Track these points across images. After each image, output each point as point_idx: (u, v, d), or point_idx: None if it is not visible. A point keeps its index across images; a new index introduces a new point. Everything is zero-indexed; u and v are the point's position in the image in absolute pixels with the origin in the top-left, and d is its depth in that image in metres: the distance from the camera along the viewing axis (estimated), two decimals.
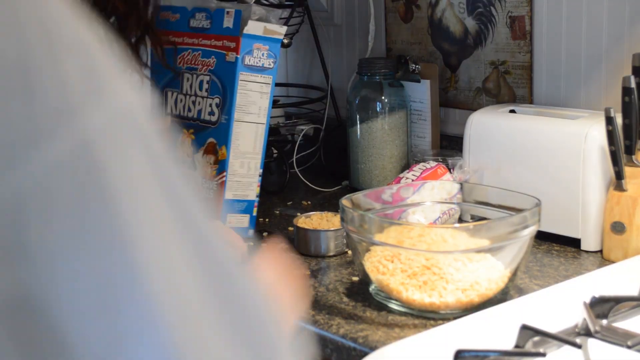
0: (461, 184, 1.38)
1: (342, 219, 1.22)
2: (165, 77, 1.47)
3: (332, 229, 1.42)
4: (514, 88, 1.75)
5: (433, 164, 1.56)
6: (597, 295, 1.02)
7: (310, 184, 1.84)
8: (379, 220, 1.20)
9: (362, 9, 2.01)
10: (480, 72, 1.81)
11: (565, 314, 1.03)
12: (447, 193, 1.37)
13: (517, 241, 1.15)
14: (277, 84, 1.63)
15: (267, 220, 1.65)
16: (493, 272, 1.15)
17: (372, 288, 1.20)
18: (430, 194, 1.37)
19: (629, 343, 0.93)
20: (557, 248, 1.42)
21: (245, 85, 1.38)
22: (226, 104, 1.38)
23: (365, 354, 1.03)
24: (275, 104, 1.76)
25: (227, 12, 1.40)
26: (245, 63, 1.36)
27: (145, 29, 1.03)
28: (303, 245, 1.43)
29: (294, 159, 1.90)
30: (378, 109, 1.77)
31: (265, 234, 1.56)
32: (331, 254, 1.40)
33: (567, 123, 1.44)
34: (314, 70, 2.13)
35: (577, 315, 0.99)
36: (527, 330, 0.94)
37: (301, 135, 1.94)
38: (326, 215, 1.49)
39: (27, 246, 0.49)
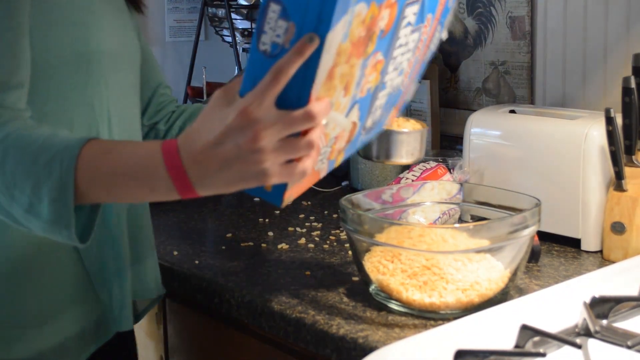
0: (461, 184, 1.38)
1: (342, 219, 1.22)
2: None
3: (405, 130, 1.29)
4: (514, 88, 1.75)
5: (433, 164, 1.56)
6: (597, 295, 1.02)
7: None
8: (379, 221, 1.20)
9: None
10: (480, 72, 1.81)
11: (565, 314, 1.03)
12: (447, 193, 1.37)
13: (517, 241, 1.15)
14: None
15: (267, 220, 1.65)
16: (493, 272, 1.15)
17: (372, 288, 1.20)
18: (430, 194, 1.37)
19: (629, 343, 0.93)
20: (557, 248, 1.42)
21: None
22: None
23: (366, 354, 1.03)
24: None
25: None
26: None
27: None
28: (368, 149, 1.29)
29: None
30: None
31: None
32: (403, 160, 1.30)
33: (567, 123, 1.44)
34: None
35: (577, 316, 0.99)
36: (527, 330, 0.94)
37: None
38: (397, 120, 1.33)
39: None
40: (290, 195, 0.96)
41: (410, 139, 1.27)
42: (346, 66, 0.91)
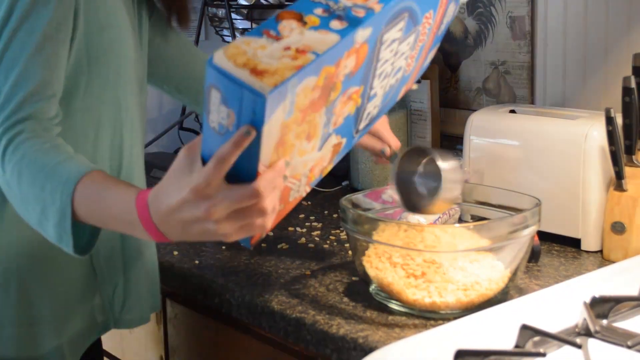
0: None
1: (342, 219, 1.22)
2: None
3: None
4: (514, 88, 1.75)
5: None
6: (597, 295, 1.02)
7: None
8: (379, 220, 1.19)
9: None
10: (480, 72, 1.81)
11: (565, 314, 1.03)
12: None
13: (517, 241, 1.15)
14: None
15: None
16: (493, 272, 1.15)
17: (372, 288, 1.20)
18: None
19: (629, 343, 0.93)
20: (557, 248, 1.42)
21: None
22: None
23: (366, 354, 1.03)
24: None
25: None
26: None
27: None
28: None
29: None
30: None
31: None
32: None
33: (567, 123, 1.44)
34: None
35: (577, 315, 0.99)
36: (527, 330, 0.94)
37: None
38: None
39: None
40: (259, 237, 0.99)
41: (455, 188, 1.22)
42: (302, 126, 0.92)
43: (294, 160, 0.95)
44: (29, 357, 1.16)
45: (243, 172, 0.91)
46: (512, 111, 1.56)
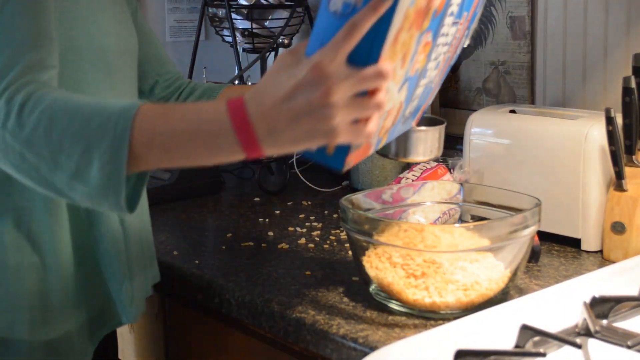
0: (461, 184, 1.38)
1: (342, 219, 1.22)
2: None
3: (423, 127, 1.30)
4: (514, 88, 1.75)
5: (433, 164, 1.56)
6: (597, 295, 1.02)
7: (310, 184, 1.84)
8: (379, 220, 1.20)
9: None
10: (480, 72, 1.81)
11: (565, 314, 1.03)
12: (447, 193, 1.37)
13: (517, 241, 1.15)
14: None
15: (267, 220, 1.65)
16: (493, 272, 1.15)
17: (372, 288, 1.20)
18: (430, 194, 1.37)
19: (629, 343, 0.93)
20: (557, 248, 1.42)
21: None
22: None
23: (366, 354, 1.03)
24: None
25: None
26: None
27: None
28: (386, 146, 1.29)
29: (294, 159, 1.90)
30: None
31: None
32: (421, 157, 1.31)
33: (567, 123, 1.44)
34: None
35: (577, 315, 1.00)
36: (527, 330, 0.94)
37: None
38: None
39: None
40: (350, 160, 0.95)
41: (429, 136, 1.29)
42: (407, 35, 0.90)
43: (390, 82, 0.93)
44: (41, 340, 1.16)
45: (362, 58, 0.86)
46: (512, 111, 1.56)
